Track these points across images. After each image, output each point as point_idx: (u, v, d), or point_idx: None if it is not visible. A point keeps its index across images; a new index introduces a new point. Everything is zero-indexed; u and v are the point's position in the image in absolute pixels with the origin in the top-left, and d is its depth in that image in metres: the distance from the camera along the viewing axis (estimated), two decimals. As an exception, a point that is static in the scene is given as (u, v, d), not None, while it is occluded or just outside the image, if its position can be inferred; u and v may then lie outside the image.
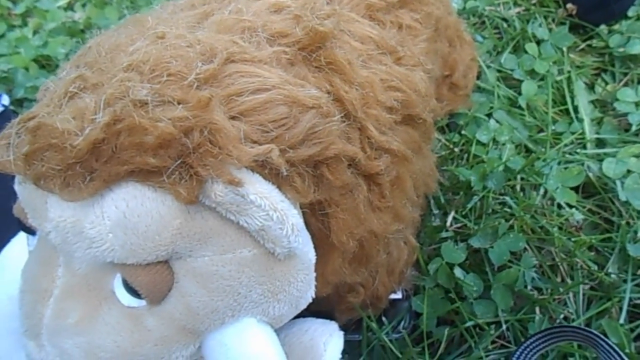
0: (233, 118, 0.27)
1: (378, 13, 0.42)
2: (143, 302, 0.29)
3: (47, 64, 0.80)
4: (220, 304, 0.29)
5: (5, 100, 0.56)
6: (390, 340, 0.51)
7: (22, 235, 0.37)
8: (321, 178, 0.31)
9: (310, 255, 0.32)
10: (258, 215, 0.27)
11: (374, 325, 0.50)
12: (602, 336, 0.42)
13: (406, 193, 0.41)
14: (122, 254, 0.27)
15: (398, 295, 0.54)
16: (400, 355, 0.50)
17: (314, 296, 0.34)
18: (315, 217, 0.33)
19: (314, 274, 0.33)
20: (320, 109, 0.30)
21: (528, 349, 0.44)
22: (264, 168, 0.28)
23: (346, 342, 0.53)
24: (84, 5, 0.90)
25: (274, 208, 0.27)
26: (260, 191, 0.27)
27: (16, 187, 0.30)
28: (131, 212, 0.26)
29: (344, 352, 0.53)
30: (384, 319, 0.53)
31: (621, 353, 0.41)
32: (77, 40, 0.82)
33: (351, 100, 0.33)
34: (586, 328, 0.43)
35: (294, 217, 0.29)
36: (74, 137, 0.25)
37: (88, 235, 0.27)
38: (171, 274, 0.28)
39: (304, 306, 0.34)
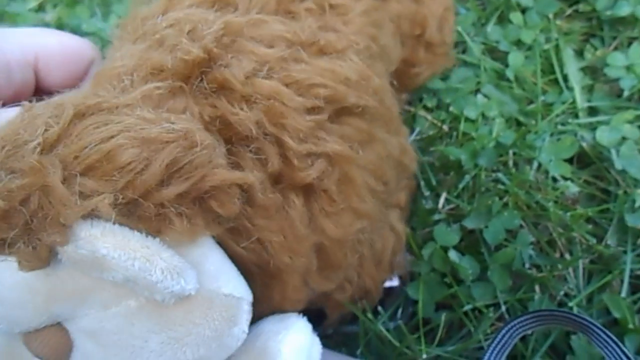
0: (82, 175, 0.26)
1: (291, 4, 0.38)
2: None
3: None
4: (116, 359, 0.29)
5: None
6: (388, 330, 0.50)
7: None
8: (211, 211, 0.30)
9: (231, 289, 0.30)
10: (118, 267, 0.26)
11: (366, 317, 0.48)
12: (594, 322, 0.40)
13: (359, 189, 0.38)
14: (6, 326, 0.28)
15: (394, 283, 0.53)
16: (398, 345, 0.49)
17: (246, 330, 0.31)
18: (244, 246, 0.32)
19: (248, 308, 0.31)
20: (181, 141, 0.28)
21: (514, 328, 0.43)
22: (129, 216, 0.27)
23: (344, 335, 0.53)
24: (55, 6, 0.87)
25: (133, 257, 0.26)
26: (113, 243, 0.26)
27: None
28: None
29: (342, 345, 0.53)
30: (380, 308, 0.51)
31: (615, 339, 0.39)
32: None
33: (240, 121, 0.31)
34: (580, 315, 0.41)
35: (167, 260, 0.27)
36: None
37: None
38: (67, 334, 0.29)
39: (234, 343, 0.31)
